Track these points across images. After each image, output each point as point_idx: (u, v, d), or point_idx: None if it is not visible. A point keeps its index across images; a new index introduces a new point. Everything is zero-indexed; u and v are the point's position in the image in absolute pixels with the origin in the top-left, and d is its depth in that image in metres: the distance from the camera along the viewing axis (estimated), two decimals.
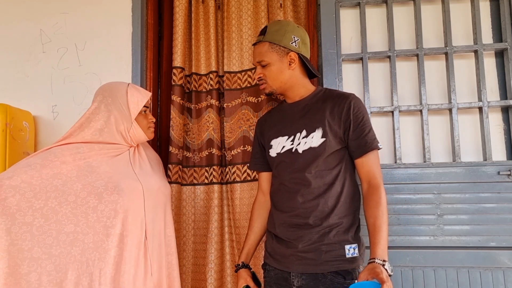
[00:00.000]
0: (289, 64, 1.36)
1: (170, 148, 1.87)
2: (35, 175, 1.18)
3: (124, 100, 1.34)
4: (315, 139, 1.31)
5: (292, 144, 1.35)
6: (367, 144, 1.29)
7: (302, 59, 1.37)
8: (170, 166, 1.86)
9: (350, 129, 1.30)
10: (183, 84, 1.93)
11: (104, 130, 1.31)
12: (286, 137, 1.38)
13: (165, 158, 1.89)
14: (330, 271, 1.24)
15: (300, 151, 1.33)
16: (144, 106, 1.39)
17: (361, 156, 1.29)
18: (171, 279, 1.38)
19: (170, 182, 1.84)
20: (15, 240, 1.13)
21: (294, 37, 1.36)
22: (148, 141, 1.60)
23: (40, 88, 1.91)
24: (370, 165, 1.29)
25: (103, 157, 1.28)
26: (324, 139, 1.30)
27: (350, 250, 1.25)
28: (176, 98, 1.90)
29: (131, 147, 1.39)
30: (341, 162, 1.31)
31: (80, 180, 1.21)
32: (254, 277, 1.42)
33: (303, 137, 1.33)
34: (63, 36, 1.93)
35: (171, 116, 1.89)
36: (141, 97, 1.37)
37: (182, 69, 1.93)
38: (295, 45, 1.36)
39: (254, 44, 1.41)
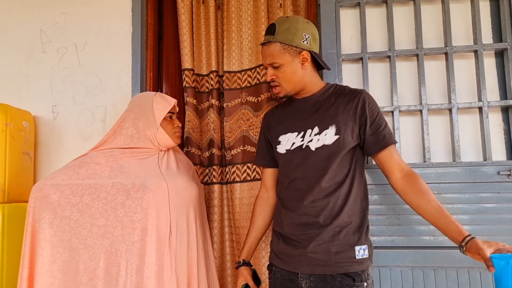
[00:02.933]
0: (302, 64, 1.31)
1: (193, 150, 1.89)
2: (73, 175, 1.34)
3: (150, 107, 1.45)
4: (328, 136, 1.27)
5: (303, 140, 1.31)
6: (386, 138, 1.27)
7: (313, 55, 1.33)
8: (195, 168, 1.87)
9: (367, 124, 1.27)
10: (195, 86, 1.94)
11: (134, 136, 1.44)
12: (296, 133, 1.33)
13: None
14: (339, 273, 1.22)
15: (312, 148, 1.29)
16: (170, 112, 1.48)
17: (381, 150, 1.28)
18: (190, 275, 1.42)
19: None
20: (57, 232, 1.28)
21: (305, 35, 1.31)
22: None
23: (40, 88, 1.91)
24: (396, 156, 1.29)
25: (134, 159, 1.41)
26: (337, 136, 1.26)
27: (360, 252, 1.23)
28: (192, 100, 1.91)
29: (161, 151, 1.49)
30: (352, 160, 1.29)
31: (111, 179, 1.34)
32: (254, 275, 1.40)
33: (315, 134, 1.29)
34: (63, 36, 1.93)
35: (189, 119, 1.91)
36: (166, 104, 1.47)
37: (193, 70, 1.94)
38: (307, 43, 1.31)
39: (262, 44, 1.34)
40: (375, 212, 1.60)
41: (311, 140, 1.30)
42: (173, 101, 1.50)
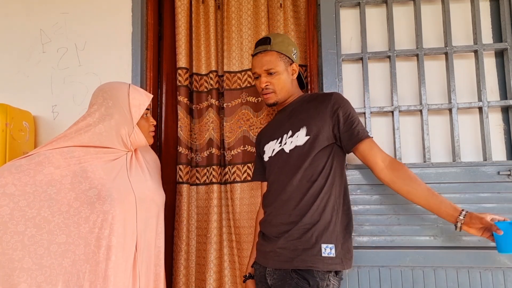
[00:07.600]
0: (292, 74, 1.46)
1: (180, 149, 1.90)
2: (29, 182, 1.14)
3: (125, 103, 1.28)
4: (300, 137, 1.34)
5: (280, 145, 1.39)
6: (359, 133, 1.32)
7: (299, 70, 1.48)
8: (181, 166, 1.88)
9: (340, 122, 1.32)
10: (188, 85, 1.95)
11: (103, 135, 1.25)
12: (275, 140, 1.43)
13: (165, 160, 1.89)
14: (300, 269, 1.24)
15: (286, 150, 1.36)
16: (146, 109, 1.34)
17: (356, 144, 1.32)
18: None
19: (181, 183, 1.87)
20: (6, 250, 1.10)
21: (293, 50, 1.47)
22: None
23: (40, 88, 1.91)
24: (376, 147, 1.33)
25: (99, 161, 1.23)
26: (308, 136, 1.33)
27: (326, 250, 1.25)
28: (183, 99, 1.92)
29: (129, 151, 1.33)
30: (328, 160, 1.33)
31: (74, 189, 1.17)
32: None
33: (289, 137, 1.37)
34: (63, 36, 1.93)
35: (179, 117, 1.91)
36: (142, 100, 1.31)
37: (187, 69, 1.94)
38: (295, 57, 1.48)
39: (255, 54, 1.45)
40: (375, 212, 1.61)
41: (286, 143, 1.38)
42: (149, 96, 1.35)
